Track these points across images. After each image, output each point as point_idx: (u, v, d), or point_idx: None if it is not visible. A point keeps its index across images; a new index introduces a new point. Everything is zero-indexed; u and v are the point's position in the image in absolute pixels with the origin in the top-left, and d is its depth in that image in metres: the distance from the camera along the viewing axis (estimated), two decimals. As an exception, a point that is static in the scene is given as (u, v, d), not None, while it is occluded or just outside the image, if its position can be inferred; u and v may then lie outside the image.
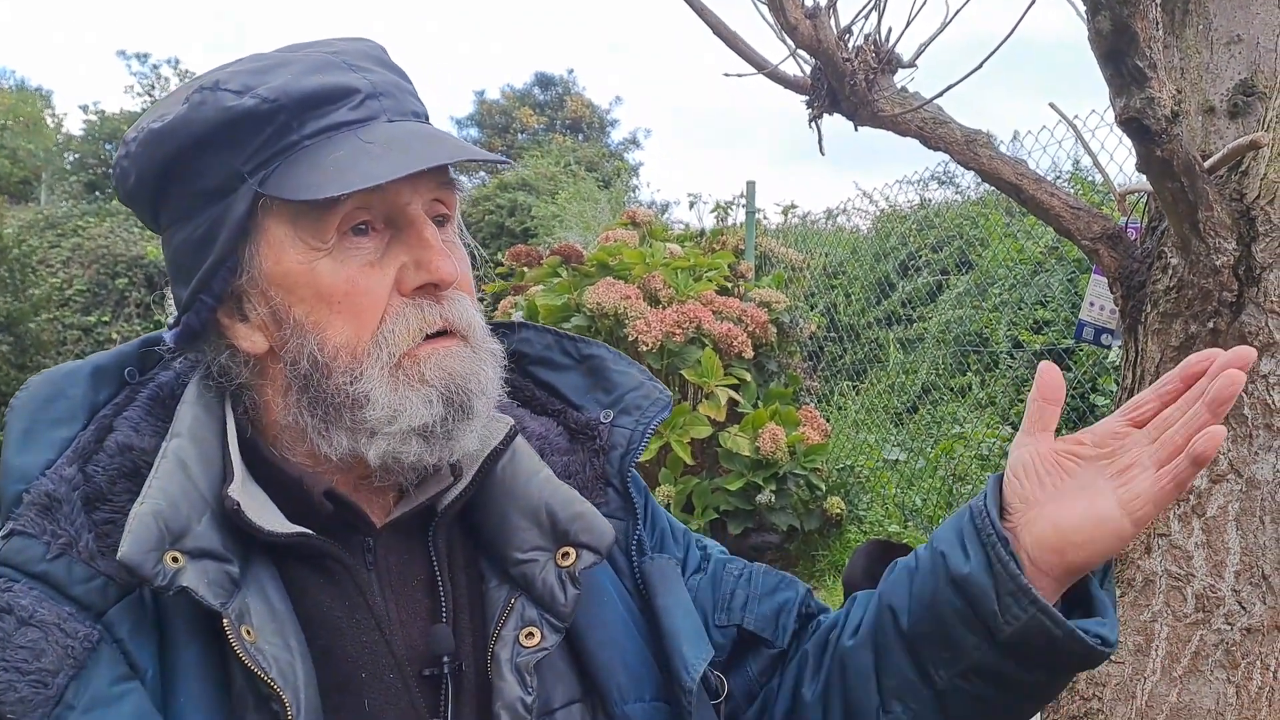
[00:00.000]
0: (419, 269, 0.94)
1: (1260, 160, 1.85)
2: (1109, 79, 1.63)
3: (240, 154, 0.91)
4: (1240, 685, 1.89)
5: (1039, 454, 0.98)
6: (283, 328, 0.95)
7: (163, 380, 1.01)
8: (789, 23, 2.12)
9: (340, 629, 0.94)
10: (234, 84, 0.92)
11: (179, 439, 0.93)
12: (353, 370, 0.93)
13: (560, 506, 1.01)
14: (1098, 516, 0.94)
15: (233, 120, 0.91)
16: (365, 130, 0.93)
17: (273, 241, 0.93)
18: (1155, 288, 1.98)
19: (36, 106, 24.97)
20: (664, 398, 1.13)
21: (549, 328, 1.19)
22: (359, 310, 0.93)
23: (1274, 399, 1.87)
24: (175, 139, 0.92)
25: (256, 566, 0.93)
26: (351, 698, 0.93)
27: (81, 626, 0.84)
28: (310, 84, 0.92)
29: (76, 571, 0.87)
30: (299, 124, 0.91)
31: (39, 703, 0.80)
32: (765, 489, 5.71)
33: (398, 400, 0.93)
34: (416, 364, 0.94)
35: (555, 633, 0.97)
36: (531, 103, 29.16)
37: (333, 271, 0.92)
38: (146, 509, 0.86)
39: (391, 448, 0.94)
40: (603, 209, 14.02)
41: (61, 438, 0.94)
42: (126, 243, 13.68)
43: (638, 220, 7.28)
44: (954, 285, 8.68)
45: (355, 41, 1.02)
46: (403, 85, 0.99)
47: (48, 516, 0.88)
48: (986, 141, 2.20)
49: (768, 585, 1.20)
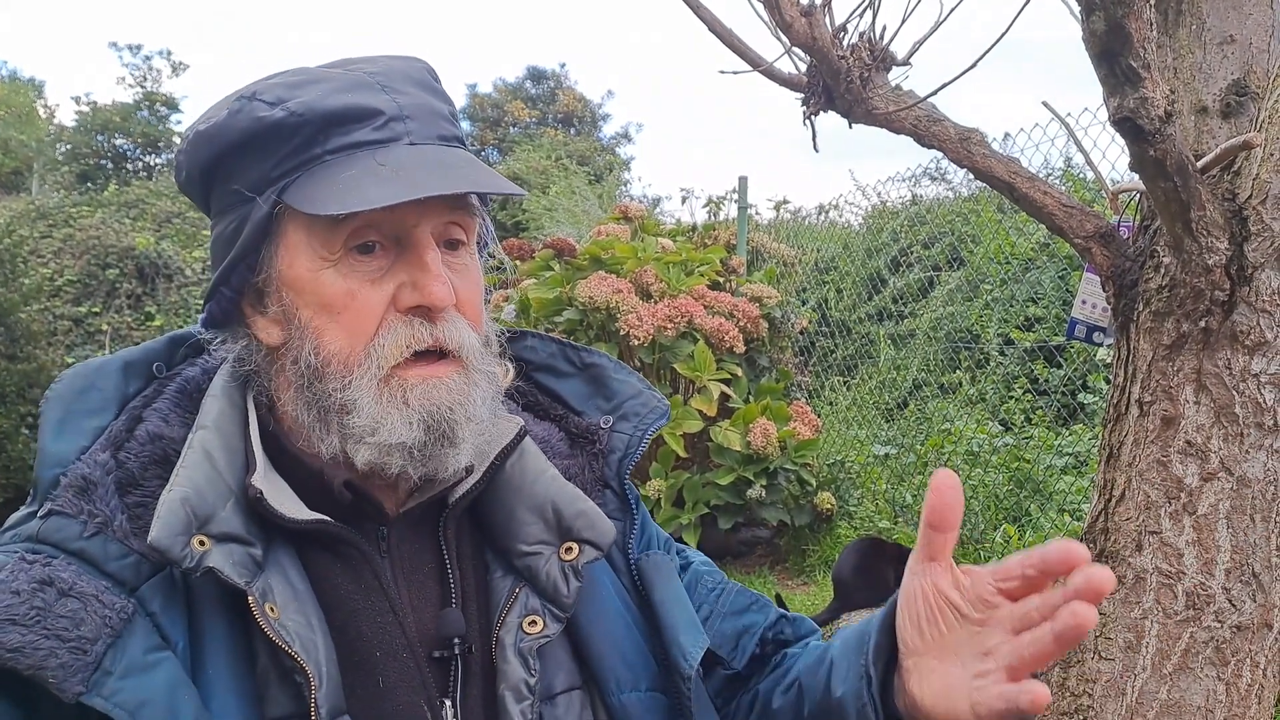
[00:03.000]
0: (414, 290, 0.97)
1: (1253, 160, 1.86)
2: (1103, 79, 1.64)
3: (269, 161, 0.97)
4: (1230, 683, 1.90)
5: (924, 592, 0.93)
6: (291, 326, 1.00)
7: (189, 375, 1.07)
8: (784, 20, 2.12)
9: (356, 610, 0.99)
10: (269, 95, 0.97)
11: (205, 430, 0.98)
12: (344, 377, 0.97)
13: (565, 504, 1.06)
14: (950, 705, 0.91)
15: (264, 130, 0.96)
16: (383, 152, 0.96)
17: (289, 245, 0.98)
18: (1148, 286, 1.99)
19: (29, 97, 24.86)
20: (661, 406, 1.18)
21: (553, 336, 1.23)
22: (355, 321, 0.97)
23: (1265, 398, 1.88)
24: (216, 143, 0.99)
25: (278, 550, 0.97)
26: (366, 675, 0.98)
27: (118, 599, 0.89)
28: (336, 102, 0.96)
29: (111, 549, 0.91)
30: (323, 139, 0.96)
31: (79, 668, 0.84)
32: (756, 484, 5.72)
33: (380, 414, 0.97)
34: (404, 386, 0.98)
35: (557, 622, 1.03)
36: (523, 96, 29.16)
37: (335, 282, 0.97)
38: (175, 495, 0.92)
39: (375, 457, 0.98)
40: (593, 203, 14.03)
41: (95, 426, 0.99)
42: (118, 234, 13.61)
43: (630, 215, 7.29)
44: (945, 281, 8.70)
45: (402, 61, 1.05)
46: (435, 108, 1.02)
47: (84, 498, 0.93)
48: (980, 140, 2.20)
49: (737, 605, 1.23)
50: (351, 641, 0.98)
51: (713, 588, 1.23)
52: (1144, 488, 1.98)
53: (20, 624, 0.83)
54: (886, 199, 9.55)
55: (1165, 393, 1.96)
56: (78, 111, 22.16)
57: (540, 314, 6.08)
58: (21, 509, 0.96)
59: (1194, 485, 1.93)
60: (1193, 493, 1.93)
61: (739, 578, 6.03)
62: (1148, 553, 1.97)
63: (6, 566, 0.87)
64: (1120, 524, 2.02)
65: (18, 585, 0.85)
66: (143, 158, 22.23)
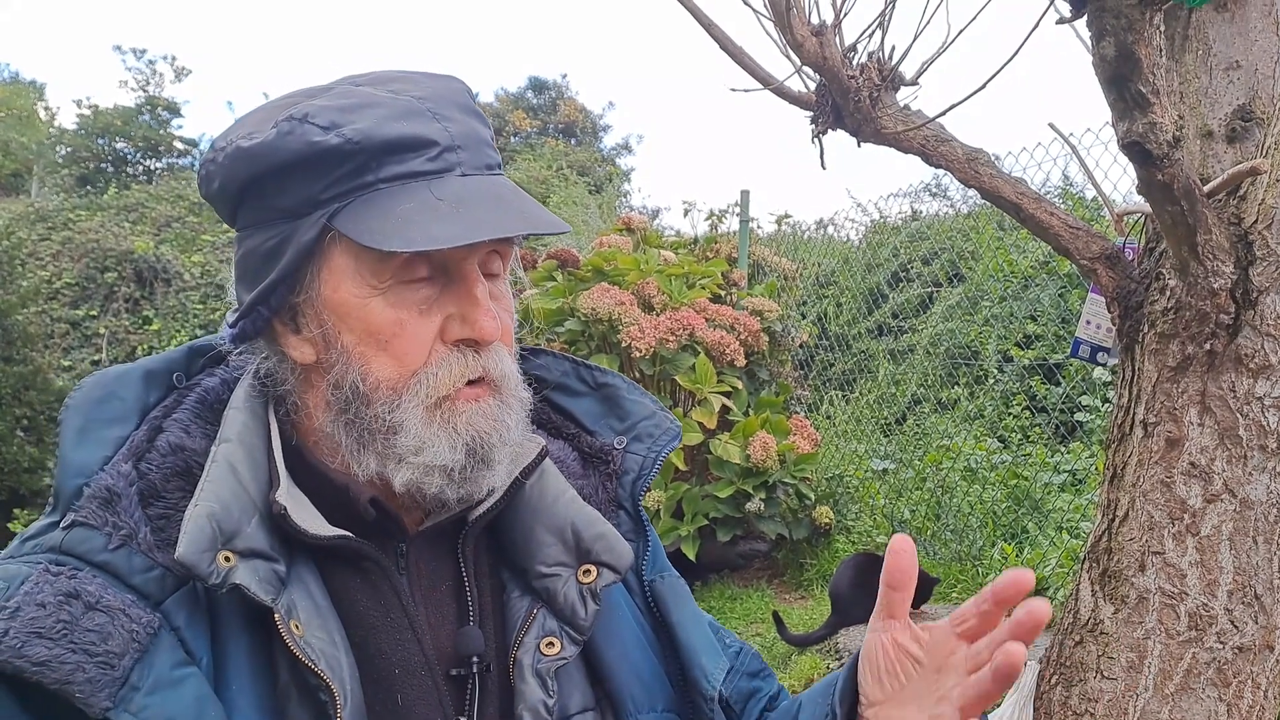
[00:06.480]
0: (464, 323, 0.98)
1: (1258, 185, 1.88)
2: (1112, 104, 1.65)
3: (319, 184, 0.95)
4: (1231, 704, 1.91)
5: (883, 646, 0.97)
6: (330, 350, 0.99)
7: (208, 385, 1.05)
8: (795, 40, 2.14)
9: (376, 627, 0.99)
10: (322, 119, 0.95)
11: (229, 444, 0.97)
12: (391, 401, 0.97)
13: (584, 526, 1.06)
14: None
15: (317, 155, 0.94)
16: (438, 184, 0.95)
17: (335, 270, 0.97)
18: (1153, 308, 2.00)
19: (30, 99, 24.82)
20: (675, 428, 1.18)
21: (567, 355, 1.23)
22: (404, 351, 0.97)
23: (1269, 421, 1.89)
24: (261, 161, 0.96)
25: (300, 566, 0.97)
26: (385, 692, 0.97)
27: (144, 613, 0.88)
28: (392, 131, 0.94)
29: (136, 562, 0.90)
30: (377, 166, 0.94)
31: (106, 683, 0.83)
32: (755, 497, 5.72)
33: (429, 435, 0.97)
34: (454, 411, 0.98)
35: (574, 644, 1.02)
36: (525, 106, 29.18)
37: (384, 311, 0.96)
38: (201, 511, 0.90)
39: (415, 478, 0.98)
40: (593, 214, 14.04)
41: (116, 436, 0.98)
42: (117, 237, 13.63)
43: (633, 226, 7.31)
44: (945, 297, 8.72)
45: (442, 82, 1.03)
46: (480, 135, 1.01)
47: (108, 509, 0.92)
48: (987, 160, 2.22)
49: (752, 667, 1.24)
50: (371, 658, 0.97)
51: (730, 644, 1.23)
52: (1147, 508, 2.00)
53: (46, 637, 0.82)
54: (887, 215, 9.59)
55: (1169, 414, 1.98)
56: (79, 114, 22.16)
57: (542, 324, 6.09)
58: (41, 519, 0.95)
59: (1197, 506, 1.94)
60: (1196, 514, 1.94)
61: (737, 591, 6.03)
62: (1151, 573, 1.98)
63: (30, 578, 0.85)
64: (1123, 544, 2.03)
65: (43, 598, 0.84)
66: (143, 162, 22.23)
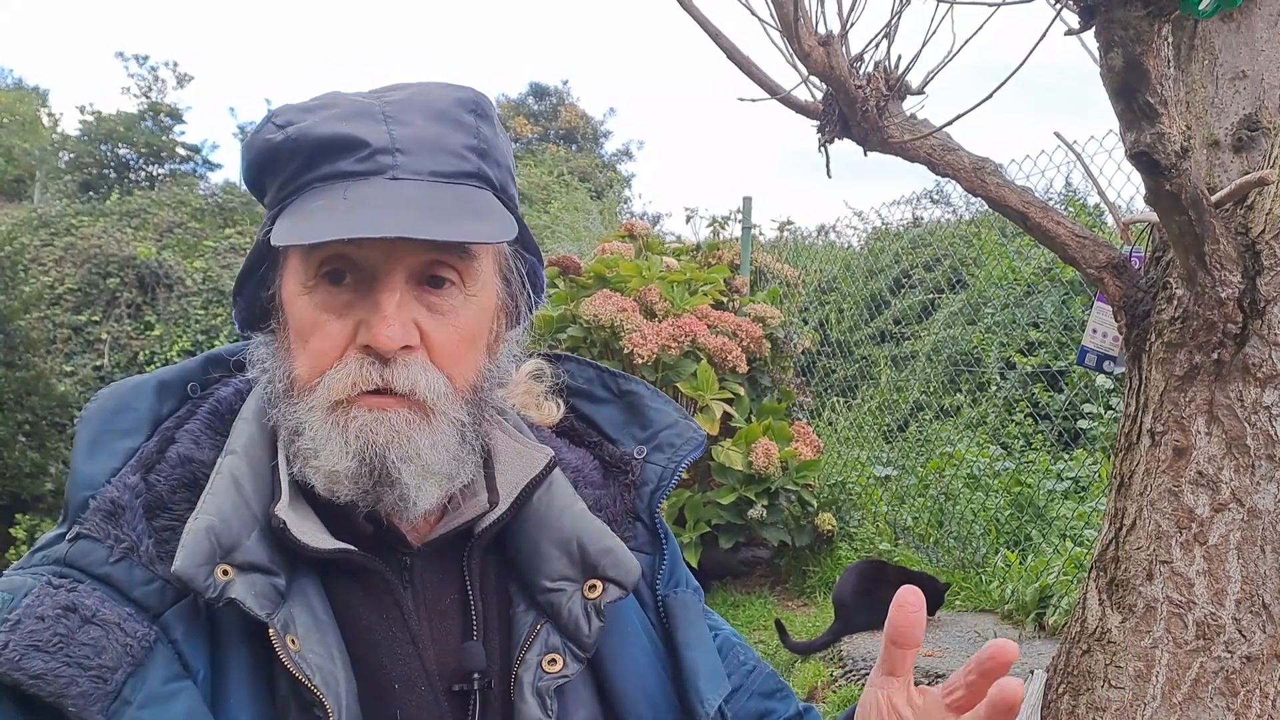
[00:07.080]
0: (366, 330, 0.95)
1: (1266, 195, 1.89)
2: (1120, 114, 1.65)
3: (278, 181, 0.98)
4: (1239, 713, 1.91)
5: (879, 704, 0.95)
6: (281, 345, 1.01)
7: (222, 395, 1.06)
8: (802, 49, 2.14)
9: (377, 641, 0.98)
10: (281, 118, 0.98)
11: (234, 455, 0.97)
12: (302, 400, 0.97)
13: (591, 540, 1.04)
14: None
15: (271, 151, 0.98)
16: (357, 185, 0.94)
17: (287, 268, 1.00)
18: (1160, 317, 2.01)
19: (33, 105, 24.88)
20: (697, 437, 1.16)
21: (591, 361, 1.21)
22: (318, 351, 0.97)
23: (1277, 430, 1.89)
24: (245, 158, 1.01)
25: (302, 579, 0.96)
26: (385, 707, 0.96)
27: (140, 626, 0.89)
28: (326, 130, 0.95)
29: (136, 575, 0.91)
30: (311, 166, 0.96)
31: (99, 697, 0.84)
32: (757, 504, 5.72)
33: (322, 437, 0.95)
34: (348, 416, 0.95)
35: (577, 661, 1.00)
36: (526, 112, 29.21)
37: (308, 310, 0.97)
38: (200, 524, 0.91)
39: (325, 484, 0.96)
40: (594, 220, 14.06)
41: (127, 448, 0.98)
42: (119, 243, 13.63)
43: (635, 233, 7.31)
44: (947, 304, 8.72)
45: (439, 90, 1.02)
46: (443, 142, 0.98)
47: (112, 522, 0.92)
48: (994, 169, 2.23)
49: (766, 687, 1.21)
50: (371, 673, 0.96)
51: (744, 662, 1.21)
52: (1155, 517, 2.00)
53: (44, 650, 0.84)
54: (889, 221, 9.60)
55: (1177, 423, 1.98)
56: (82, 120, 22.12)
57: (544, 331, 6.10)
58: (53, 530, 0.96)
59: (1205, 515, 1.94)
60: (1204, 523, 1.94)
61: (739, 598, 6.03)
62: (1158, 582, 1.98)
63: (33, 590, 0.87)
64: (1131, 553, 2.03)
65: (43, 610, 0.85)
66: (146, 167, 22.20)
